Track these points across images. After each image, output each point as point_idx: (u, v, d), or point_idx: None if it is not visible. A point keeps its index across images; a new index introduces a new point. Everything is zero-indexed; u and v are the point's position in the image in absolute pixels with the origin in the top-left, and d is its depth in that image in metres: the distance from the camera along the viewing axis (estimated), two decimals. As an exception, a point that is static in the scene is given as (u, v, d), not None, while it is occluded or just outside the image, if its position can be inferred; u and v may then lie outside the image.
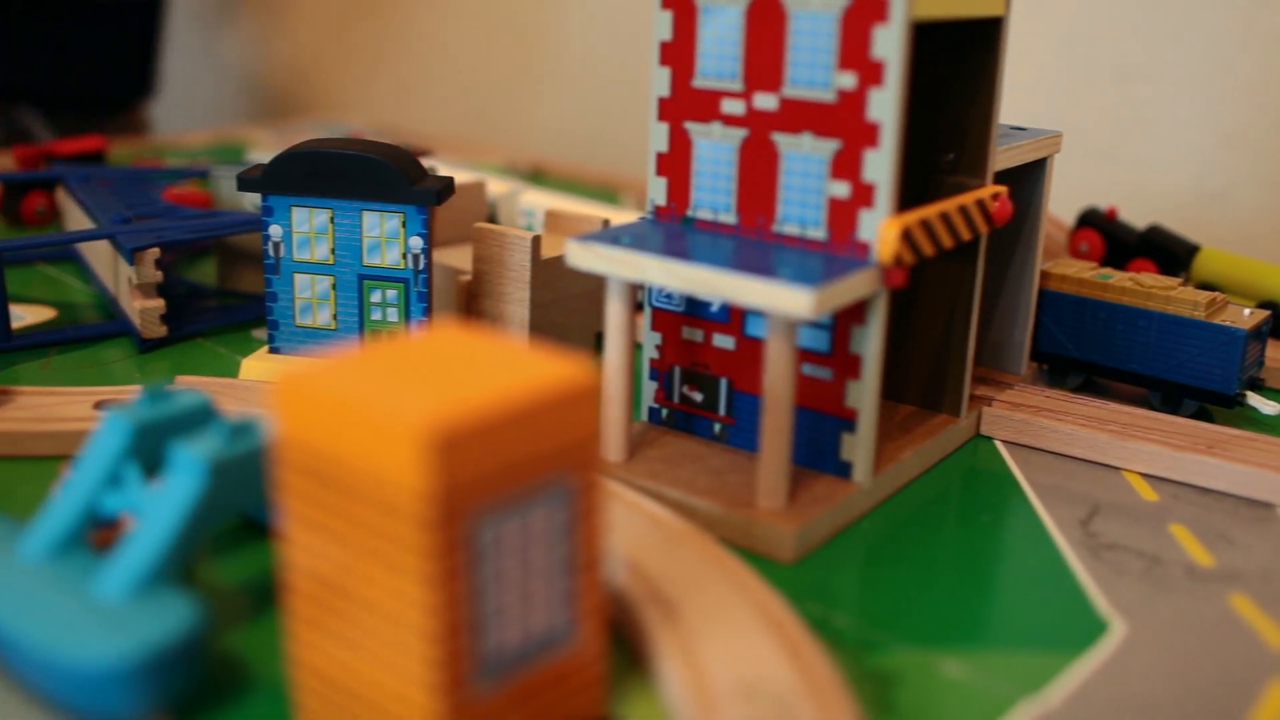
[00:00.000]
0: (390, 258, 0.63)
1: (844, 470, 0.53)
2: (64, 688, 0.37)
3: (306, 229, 0.64)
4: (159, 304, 0.70)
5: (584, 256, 0.50)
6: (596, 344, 0.72)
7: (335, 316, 0.65)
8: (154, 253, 0.70)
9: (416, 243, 0.63)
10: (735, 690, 0.38)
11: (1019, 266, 0.64)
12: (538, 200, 0.79)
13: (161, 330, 0.71)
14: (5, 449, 0.55)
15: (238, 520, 0.49)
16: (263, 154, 1.01)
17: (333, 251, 0.64)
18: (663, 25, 0.53)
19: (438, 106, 1.57)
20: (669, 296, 0.56)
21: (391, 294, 0.64)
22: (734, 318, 0.54)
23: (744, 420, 0.55)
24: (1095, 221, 0.83)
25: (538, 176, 1.16)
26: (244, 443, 0.43)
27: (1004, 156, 0.57)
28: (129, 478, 0.44)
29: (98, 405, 0.58)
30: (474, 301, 0.69)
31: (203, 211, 0.79)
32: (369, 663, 0.35)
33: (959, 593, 0.48)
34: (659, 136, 0.54)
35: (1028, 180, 0.62)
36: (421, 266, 0.63)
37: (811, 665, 0.40)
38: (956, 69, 0.55)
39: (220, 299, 0.79)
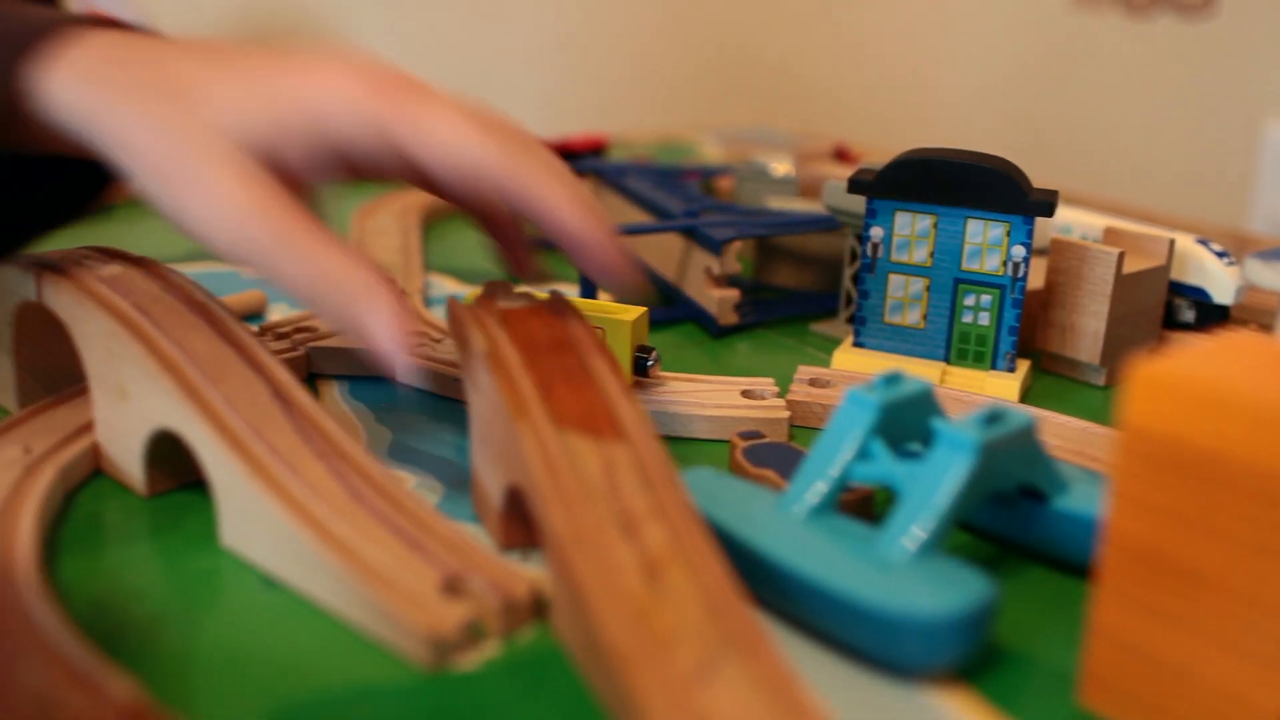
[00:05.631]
0: (989, 264, 0.66)
1: None
2: (875, 636, 0.41)
3: (908, 233, 0.67)
4: (735, 294, 0.75)
5: (1269, 276, 0.52)
6: (1149, 360, 0.73)
7: (925, 317, 0.68)
8: (736, 246, 0.75)
9: (1019, 251, 0.66)
10: None
11: None
12: (1071, 216, 0.81)
13: (734, 318, 0.76)
14: (676, 430, 0.61)
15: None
16: (763, 157, 1.05)
17: (931, 255, 0.67)
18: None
19: (845, 114, 1.60)
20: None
21: (985, 299, 0.67)
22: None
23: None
24: None
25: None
26: (1001, 429, 0.46)
27: None
28: (876, 452, 0.48)
29: (744, 394, 0.63)
30: (1041, 311, 0.71)
31: (757, 208, 0.84)
32: (1208, 643, 0.38)
33: None
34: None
35: None
36: (1021, 274, 0.66)
37: None
38: None
39: (756, 293, 0.84)
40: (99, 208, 0.60)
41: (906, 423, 0.49)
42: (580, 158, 1.05)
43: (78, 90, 0.49)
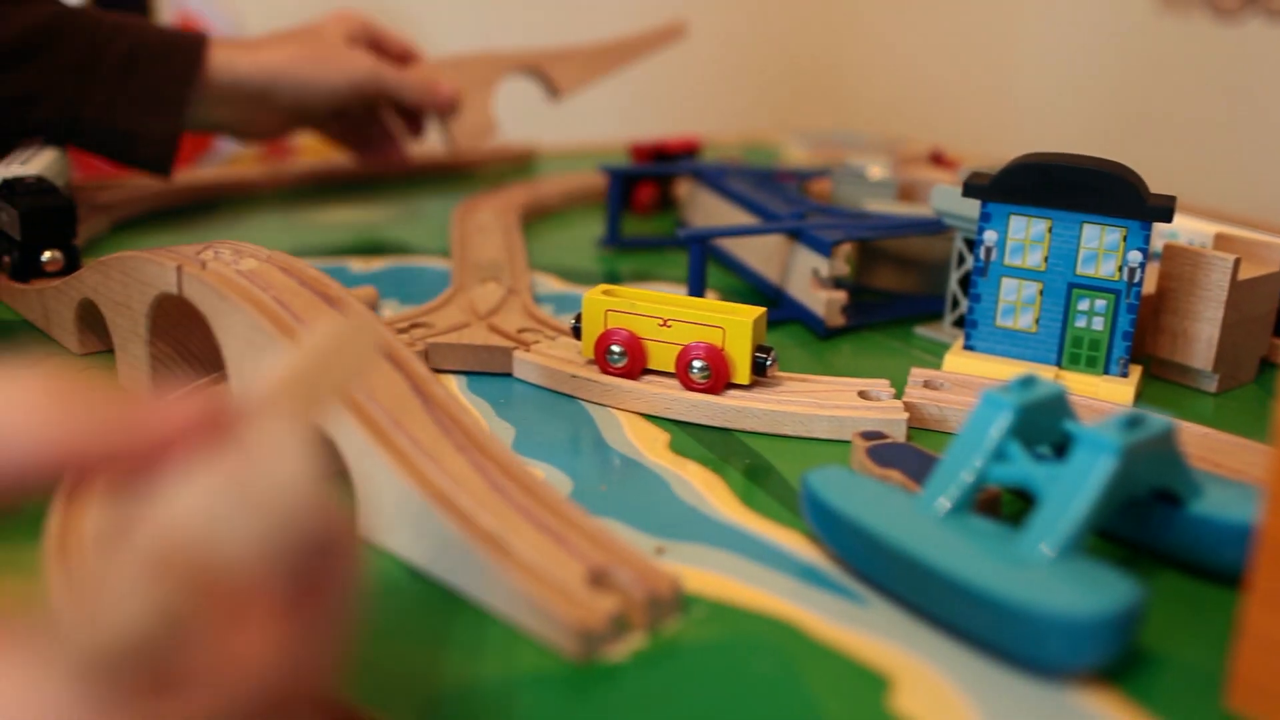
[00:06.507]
0: (1104, 269, 0.66)
1: None
2: (1024, 635, 0.42)
3: (1022, 236, 0.67)
4: (842, 296, 0.76)
5: None
6: (1260, 369, 0.73)
7: (1037, 321, 0.68)
8: (846, 248, 0.75)
9: (1135, 256, 0.65)
10: None
11: None
12: (1178, 222, 0.81)
13: (841, 320, 0.76)
14: (795, 429, 0.62)
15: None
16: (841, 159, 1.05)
17: (1045, 260, 0.67)
18: None
19: (926, 117, 1.60)
20: None
21: (1100, 304, 0.67)
22: None
23: None
24: None
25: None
26: (1142, 433, 0.46)
27: None
28: (1014, 454, 0.48)
29: (861, 394, 0.64)
30: (1152, 317, 0.71)
31: (859, 210, 0.84)
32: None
33: None
34: None
35: None
36: (1137, 280, 0.66)
37: None
38: None
39: (858, 295, 0.84)
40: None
41: (1040, 426, 0.49)
42: (676, 158, 1.05)
43: (236, 54, 0.92)
